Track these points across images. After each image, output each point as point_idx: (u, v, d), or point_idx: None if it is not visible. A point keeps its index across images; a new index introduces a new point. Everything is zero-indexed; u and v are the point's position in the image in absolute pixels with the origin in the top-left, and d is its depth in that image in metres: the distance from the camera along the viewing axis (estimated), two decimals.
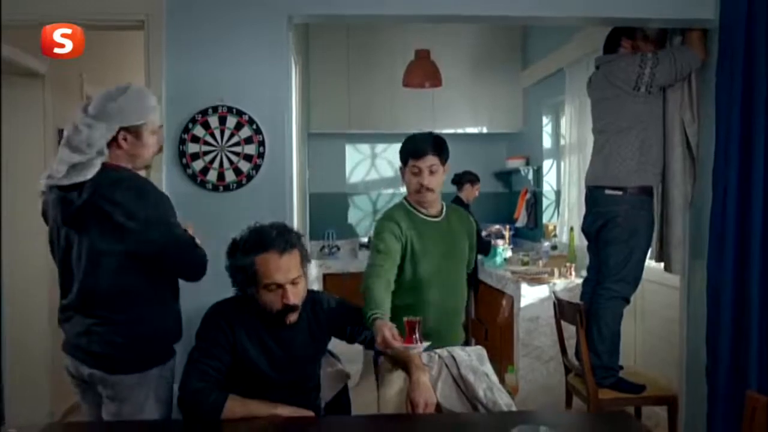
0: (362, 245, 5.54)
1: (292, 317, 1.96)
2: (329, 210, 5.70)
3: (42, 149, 3.79)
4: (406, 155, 2.41)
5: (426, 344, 1.88)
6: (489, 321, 4.49)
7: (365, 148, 5.93)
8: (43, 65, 3.67)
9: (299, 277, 1.94)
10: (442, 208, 2.48)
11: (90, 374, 1.99)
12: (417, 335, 1.93)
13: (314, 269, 5.26)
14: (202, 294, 2.18)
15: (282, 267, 1.90)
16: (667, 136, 3.00)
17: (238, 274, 1.95)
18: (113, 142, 1.98)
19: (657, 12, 2.79)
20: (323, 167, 5.71)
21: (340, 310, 2.13)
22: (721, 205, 2.76)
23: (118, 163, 2.00)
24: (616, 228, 2.97)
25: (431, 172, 2.35)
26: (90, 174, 1.92)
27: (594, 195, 3.08)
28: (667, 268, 3.10)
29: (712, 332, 2.77)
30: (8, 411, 3.27)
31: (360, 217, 5.92)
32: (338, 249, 5.67)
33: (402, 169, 2.45)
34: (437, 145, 2.38)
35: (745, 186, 2.71)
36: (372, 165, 5.95)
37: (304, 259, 2.00)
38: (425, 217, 2.41)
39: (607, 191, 3.00)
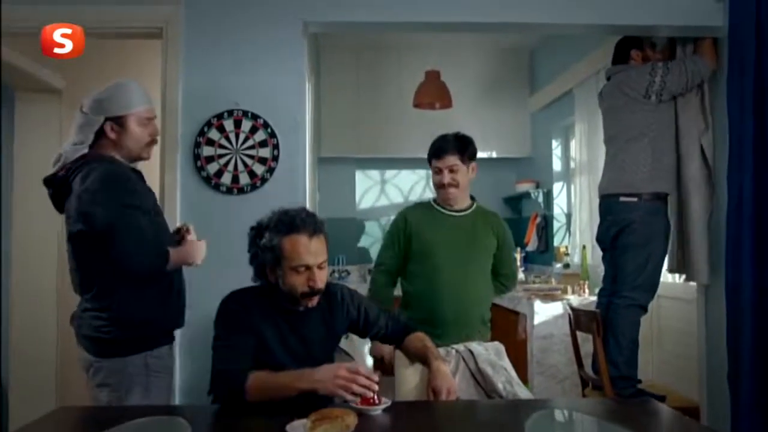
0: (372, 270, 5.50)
1: (314, 300, 1.93)
2: (339, 235, 5.68)
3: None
4: (429, 156, 2.54)
5: (385, 405, 1.72)
6: (501, 341, 4.41)
7: (375, 174, 5.95)
8: (61, 81, 3.74)
9: (325, 261, 1.92)
10: (471, 207, 2.55)
11: (83, 358, 2.00)
12: (375, 394, 1.74)
13: None
14: (215, 291, 2.16)
15: (312, 249, 1.88)
16: (684, 147, 3.00)
17: (265, 255, 1.90)
18: (102, 133, 2.04)
19: (665, 20, 2.84)
20: (333, 192, 5.71)
21: (355, 302, 2.10)
22: (736, 212, 2.75)
23: (103, 152, 2.05)
24: (632, 234, 2.95)
25: (451, 171, 2.47)
26: (67, 160, 2.00)
27: (608, 203, 3.07)
28: (689, 278, 3.05)
29: (733, 338, 2.72)
30: (13, 412, 3.23)
31: (370, 242, 5.91)
32: (348, 273, 5.63)
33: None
34: (458, 144, 2.49)
35: (761, 190, 2.70)
36: (382, 191, 5.96)
37: (328, 245, 1.98)
38: (445, 212, 2.53)
39: (621, 198, 2.99)
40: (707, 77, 2.92)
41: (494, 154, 5.72)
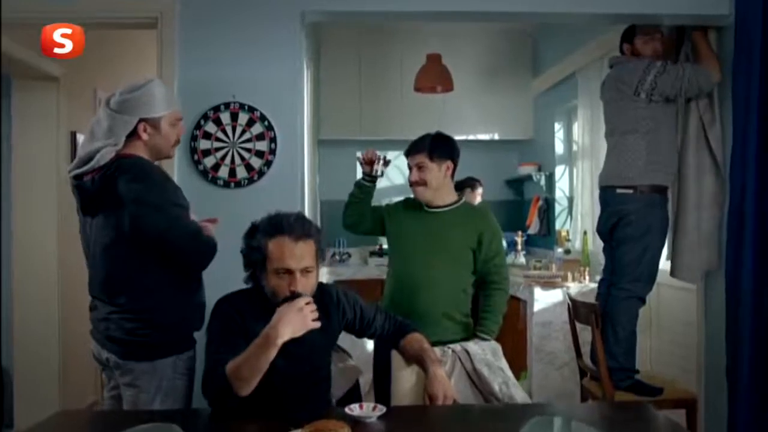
0: (372, 253, 5.51)
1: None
2: (340, 217, 5.64)
3: (55, 152, 3.82)
4: (405, 153, 2.64)
5: (380, 412, 1.72)
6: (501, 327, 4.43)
7: None
8: (58, 68, 3.70)
9: (311, 267, 1.89)
10: (453, 204, 2.59)
11: (107, 358, 2.01)
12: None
13: (325, 276, 5.23)
14: (212, 287, 2.16)
15: (295, 253, 1.85)
16: (686, 138, 2.95)
17: (252, 255, 1.92)
18: (134, 133, 2.02)
19: (670, 8, 2.78)
20: (334, 174, 5.68)
21: (350, 303, 2.10)
22: (738, 205, 2.73)
23: (134, 152, 2.03)
24: (628, 226, 2.93)
25: (419, 168, 2.54)
26: (102, 161, 1.96)
27: (606, 195, 3.06)
28: (673, 274, 3.04)
29: (732, 331, 2.72)
30: (17, 413, 3.25)
31: None
32: (349, 256, 5.63)
33: None
34: (430, 143, 2.55)
35: (764, 183, 2.67)
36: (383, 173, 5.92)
37: (319, 253, 1.95)
38: (422, 209, 2.60)
39: (618, 190, 2.97)
40: (708, 90, 2.85)
41: (496, 136, 5.68)
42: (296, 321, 1.72)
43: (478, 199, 5.01)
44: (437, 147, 2.54)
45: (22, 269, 3.55)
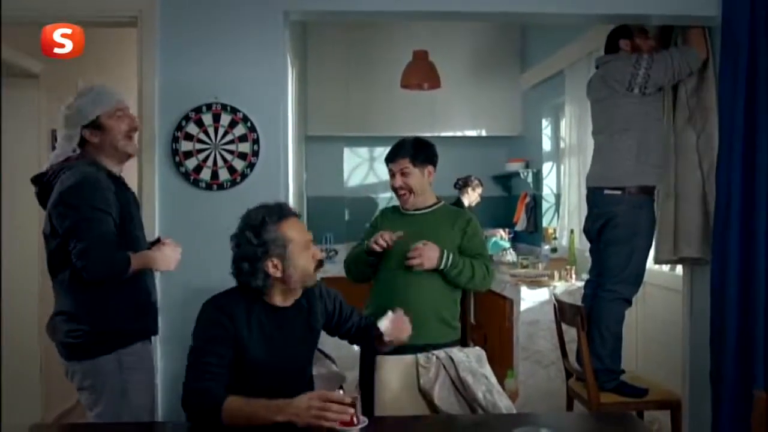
0: None
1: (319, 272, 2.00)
2: (327, 214, 5.63)
3: (36, 150, 3.75)
4: (385, 159, 2.64)
5: (362, 424, 1.69)
6: (488, 325, 4.43)
7: (363, 151, 5.89)
8: (38, 65, 3.63)
9: None
10: (434, 206, 2.60)
11: (61, 363, 2.04)
12: (356, 413, 1.72)
13: None
14: (195, 293, 2.13)
15: (305, 228, 1.97)
16: (679, 128, 2.93)
17: (272, 248, 1.89)
18: (85, 142, 2.11)
19: (658, 9, 2.76)
20: (321, 170, 5.65)
21: (331, 297, 2.13)
22: (725, 203, 2.72)
23: (92, 157, 2.11)
24: (616, 228, 2.92)
25: (402, 174, 2.53)
26: (54, 161, 2.09)
27: (594, 196, 3.05)
28: (678, 253, 2.98)
29: (717, 333, 2.72)
30: None
31: (359, 221, 5.86)
32: (336, 253, 5.60)
33: None
34: (411, 148, 2.54)
35: (749, 183, 2.67)
36: (370, 168, 5.90)
37: None
38: (405, 211, 2.62)
39: (606, 191, 2.96)
40: (696, 68, 2.85)
41: (484, 132, 5.66)
42: (304, 416, 1.66)
43: (477, 199, 4.99)
44: (420, 152, 2.55)
45: (3, 267, 3.49)
